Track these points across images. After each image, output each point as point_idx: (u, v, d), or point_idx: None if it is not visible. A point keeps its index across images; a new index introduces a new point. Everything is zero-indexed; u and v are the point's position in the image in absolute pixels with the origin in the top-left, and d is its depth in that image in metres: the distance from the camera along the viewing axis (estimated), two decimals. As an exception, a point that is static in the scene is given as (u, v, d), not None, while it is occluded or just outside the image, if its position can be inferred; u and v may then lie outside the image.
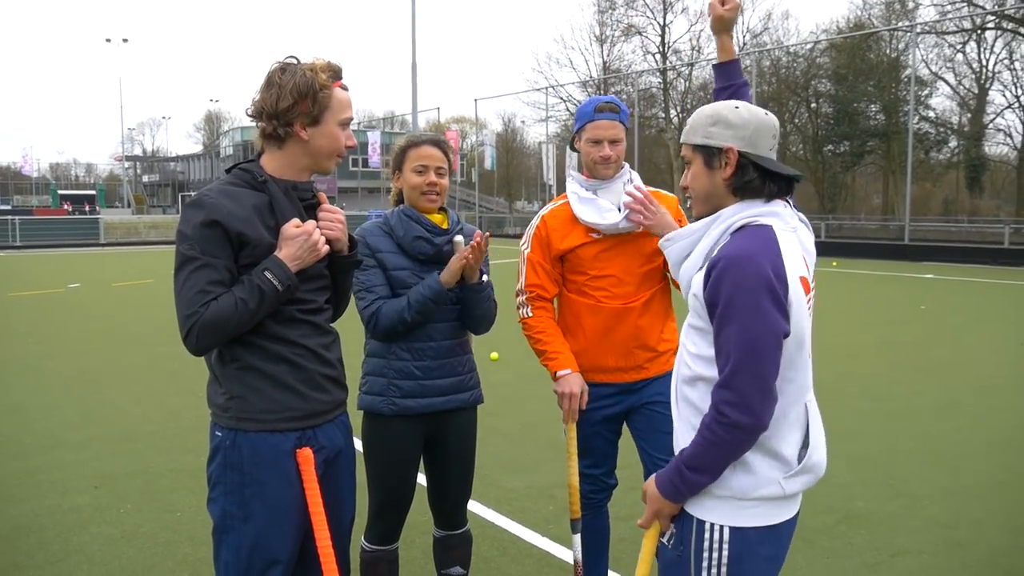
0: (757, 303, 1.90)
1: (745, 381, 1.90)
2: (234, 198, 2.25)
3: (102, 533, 4.45)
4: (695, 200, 2.15)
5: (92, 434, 6.38)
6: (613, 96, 3.29)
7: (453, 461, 3.15)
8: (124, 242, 36.42)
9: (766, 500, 2.01)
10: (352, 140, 2.39)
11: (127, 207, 72.65)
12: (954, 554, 4.18)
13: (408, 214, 3.04)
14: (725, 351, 1.94)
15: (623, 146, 3.14)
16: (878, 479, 5.29)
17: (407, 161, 3.06)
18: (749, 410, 1.90)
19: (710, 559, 2.02)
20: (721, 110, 2.07)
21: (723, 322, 1.94)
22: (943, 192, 51.69)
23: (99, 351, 10.05)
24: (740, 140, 2.04)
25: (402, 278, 3.00)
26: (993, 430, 6.49)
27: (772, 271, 1.92)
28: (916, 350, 10.03)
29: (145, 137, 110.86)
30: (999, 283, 18.61)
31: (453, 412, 3.10)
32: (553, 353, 3.16)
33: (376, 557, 3.15)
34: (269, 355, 2.29)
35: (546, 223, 3.23)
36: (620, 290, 3.11)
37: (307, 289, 2.35)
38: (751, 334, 1.90)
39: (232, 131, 79.13)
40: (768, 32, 49.87)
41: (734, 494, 2.00)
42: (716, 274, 1.95)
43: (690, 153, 2.13)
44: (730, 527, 2.00)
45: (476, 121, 64.04)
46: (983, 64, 44.06)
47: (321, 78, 2.27)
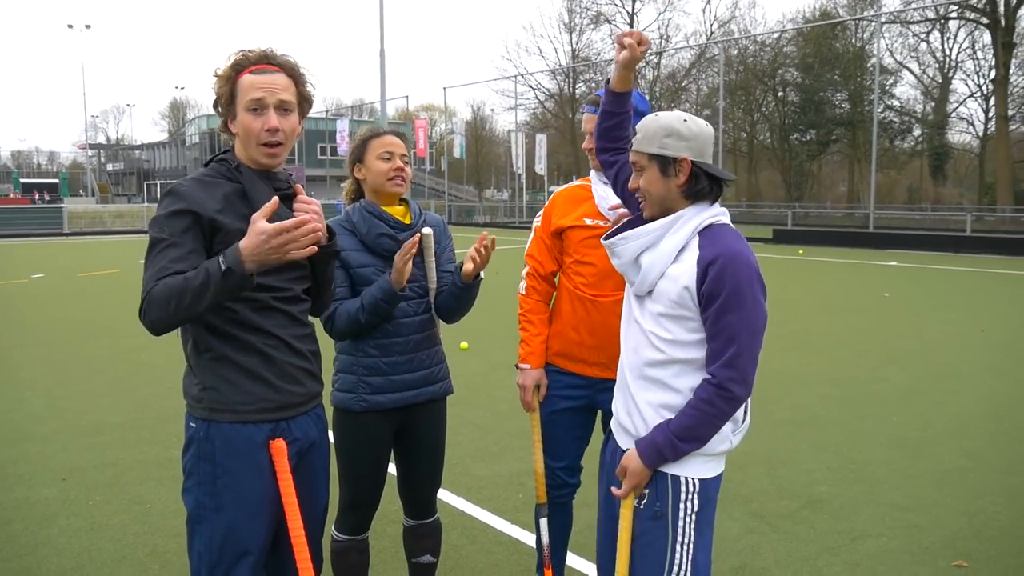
0: (755, 294, 2.24)
1: (747, 361, 2.23)
2: (207, 187, 2.28)
3: (71, 526, 4.44)
4: (649, 203, 2.38)
5: (59, 426, 6.34)
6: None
7: (424, 452, 3.18)
8: (89, 231, 35.91)
9: (721, 454, 2.38)
10: (270, 122, 2.28)
11: (91, 196, 71.62)
12: (913, 537, 4.29)
13: (370, 210, 3.03)
14: (725, 336, 2.23)
15: None
16: (840, 464, 5.40)
17: (369, 151, 3.04)
18: (748, 385, 2.26)
19: (685, 509, 2.33)
20: (673, 123, 2.30)
21: (724, 311, 2.22)
22: (907, 180, 52.45)
23: (65, 342, 9.95)
24: (691, 151, 2.30)
25: (366, 275, 3.00)
26: (953, 416, 6.63)
27: (757, 264, 2.27)
28: (879, 337, 10.20)
29: (109, 125, 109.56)
30: (961, 270, 18.94)
31: (423, 404, 3.13)
32: (525, 342, 3.22)
33: (347, 547, 3.18)
34: (242, 345, 2.30)
35: (555, 199, 3.29)
36: (598, 281, 3.11)
37: (281, 276, 2.35)
38: (751, 322, 2.23)
39: (198, 119, 78.19)
40: (735, 21, 50.18)
41: (703, 451, 2.32)
42: (717, 269, 2.21)
43: (644, 161, 2.35)
44: (698, 479, 2.34)
45: (445, 109, 63.91)
46: (946, 53, 44.73)
47: (224, 70, 2.31)
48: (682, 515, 2.33)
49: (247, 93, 2.29)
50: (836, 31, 44.53)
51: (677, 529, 2.33)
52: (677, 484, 2.33)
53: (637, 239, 2.38)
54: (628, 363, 2.45)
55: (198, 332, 2.32)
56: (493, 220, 42.22)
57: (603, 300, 3.09)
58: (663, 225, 2.34)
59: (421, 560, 3.31)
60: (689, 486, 2.33)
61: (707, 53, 47.13)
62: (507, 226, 40.33)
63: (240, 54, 2.32)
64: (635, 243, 2.38)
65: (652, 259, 2.33)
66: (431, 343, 3.16)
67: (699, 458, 2.33)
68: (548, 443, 3.28)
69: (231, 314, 2.28)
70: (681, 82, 49.89)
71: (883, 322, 11.45)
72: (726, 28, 49.42)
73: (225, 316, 2.28)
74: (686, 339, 2.30)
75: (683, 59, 49.50)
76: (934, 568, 3.95)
